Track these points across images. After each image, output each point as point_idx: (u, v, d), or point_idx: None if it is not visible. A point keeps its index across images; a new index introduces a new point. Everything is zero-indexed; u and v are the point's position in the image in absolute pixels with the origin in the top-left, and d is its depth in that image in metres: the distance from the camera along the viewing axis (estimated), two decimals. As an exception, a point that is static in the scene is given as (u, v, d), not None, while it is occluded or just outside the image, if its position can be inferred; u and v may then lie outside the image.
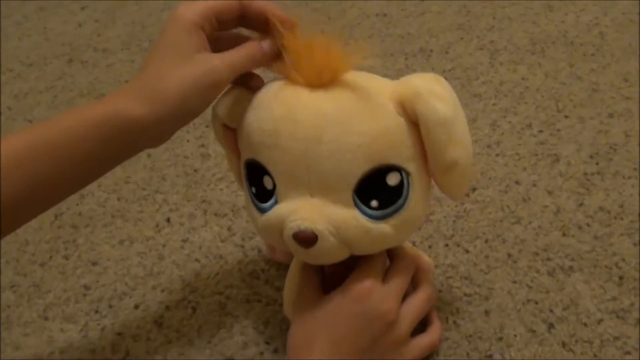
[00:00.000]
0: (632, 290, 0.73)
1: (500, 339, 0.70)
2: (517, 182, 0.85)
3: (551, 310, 0.70)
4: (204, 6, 0.49)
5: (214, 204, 0.84)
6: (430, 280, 0.68)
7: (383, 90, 0.51)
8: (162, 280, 0.76)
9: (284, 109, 0.50)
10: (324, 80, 0.50)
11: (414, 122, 0.51)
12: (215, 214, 0.83)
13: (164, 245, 0.81)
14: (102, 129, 0.46)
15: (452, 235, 0.77)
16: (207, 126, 0.96)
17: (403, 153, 0.51)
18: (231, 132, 0.55)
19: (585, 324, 0.69)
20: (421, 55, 1.06)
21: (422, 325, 0.65)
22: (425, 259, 0.64)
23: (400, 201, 0.53)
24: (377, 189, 0.52)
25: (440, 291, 0.74)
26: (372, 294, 0.55)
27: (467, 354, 0.69)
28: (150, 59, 0.48)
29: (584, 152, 0.89)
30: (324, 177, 0.50)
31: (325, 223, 0.51)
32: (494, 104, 0.97)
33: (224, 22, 0.51)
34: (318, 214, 0.51)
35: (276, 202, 0.53)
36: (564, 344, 0.69)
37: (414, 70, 1.03)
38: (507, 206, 0.83)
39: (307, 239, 0.51)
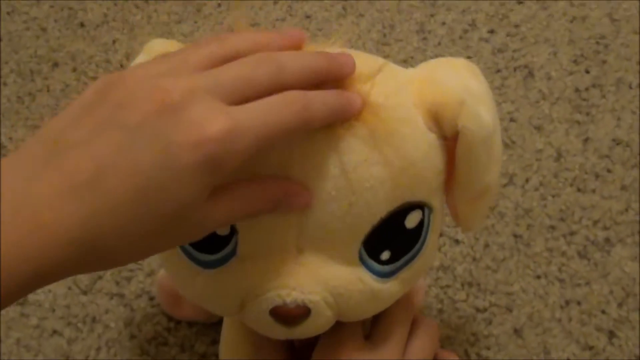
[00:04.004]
0: (701, 259, 0.78)
1: (551, 368, 0.73)
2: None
3: (603, 311, 0.74)
4: (243, 154, 0.44)
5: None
6: (421, 304, 0.72)
7: (406, 93, 0.53)
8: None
9: None
10: None
11: (445, 137, 0.53)
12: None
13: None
14: None
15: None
16: None
17: (432, 184, 0.54)
18: None
19: (656, 323, 0.74)
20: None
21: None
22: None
23: (416, 247, 0.55)
24: (392, 236, 0.53)
25: (440, 311, 0.75)
26: None
27: (514, 401, 0.72)
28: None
29: (562, 54, 0.92)
30: (325, 227, 0.51)
31: (322, 291, 0.52)
32: (409, -5, 0.99)
33: None
34: (312, 278, 0.51)
35: (234, 255, 0.52)
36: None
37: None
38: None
39: (296, 316, 0.52)
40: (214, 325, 0.73)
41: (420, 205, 0.54)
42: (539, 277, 0.76)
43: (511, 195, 0.81)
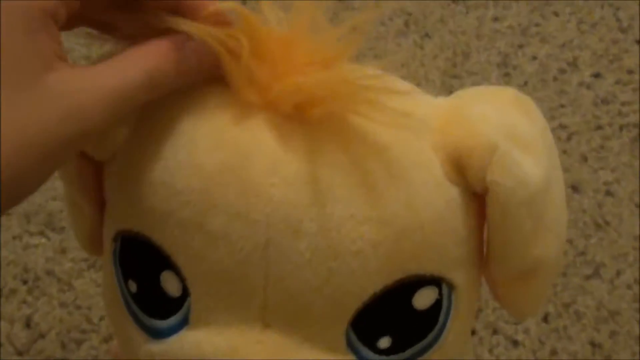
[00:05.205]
0: None
1: None
2: (575, 189, 0.85)
3: None
4: None
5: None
6: None
7: (422, 130, 0.50)
8: None
9: (226, 155, 0.48)
10: (311, 113, 0.48)
11: (473, 192, 0.50)
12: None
13: None
14: None
15: (488, 319, 0.77)
16: None
17: (450, 254, 0.50)
18: (91, 167, 0.54)
19: None
20: None
21: None
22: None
23: (431, 335, 0.51)
24: (393, 318, 0.50)
25: None
26: None
27: None
28: None
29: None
30: (296, 298, 0.49)
31: None
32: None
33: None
34: None
35: (186, 323, 0.50)
36: None
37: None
38: (570, 241, 0.83)
39: None
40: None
41: (434, 281, 0.50)
42: (619, 409, 0.72)
43: (595, 291, 0.79)
